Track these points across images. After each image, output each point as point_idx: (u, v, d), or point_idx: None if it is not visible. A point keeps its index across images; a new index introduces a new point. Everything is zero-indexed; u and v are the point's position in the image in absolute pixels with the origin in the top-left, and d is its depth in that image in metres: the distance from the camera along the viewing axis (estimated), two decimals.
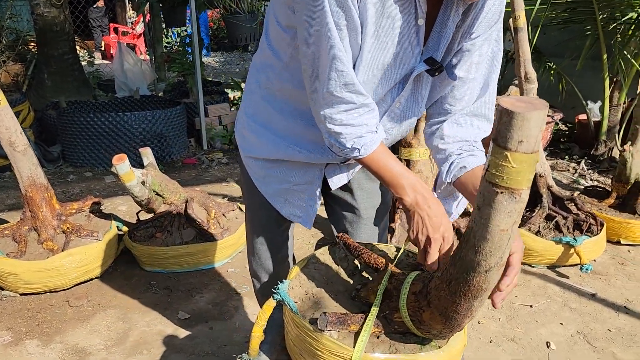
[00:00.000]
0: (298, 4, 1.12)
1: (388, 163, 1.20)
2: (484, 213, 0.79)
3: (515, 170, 0.73)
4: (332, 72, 1.12)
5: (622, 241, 3.11)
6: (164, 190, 2.87)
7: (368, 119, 1.19)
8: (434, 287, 0.98)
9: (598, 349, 2.23)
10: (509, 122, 0.71)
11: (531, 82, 2.97)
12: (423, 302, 1.01)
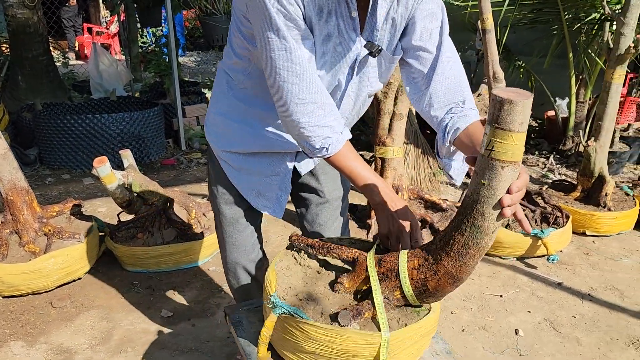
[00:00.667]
0: (254, 23, 1.27)
1: (355, 164, 1.33)
2: (492, 185, 0.97)
3: (517, 147, 0.93)
4: (294, 77, 1.26)
5: (587, 232, 3.26)
6: (145, 192, 2.91)
7: (331, 120, 1.31)
8: (441, 257, 1.10)
9: (563, 334, 2.36)
10: (512, 109, 0.90)
11: (499, 82, 3.09)
12: (429, 274, 1.13)
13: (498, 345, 2.29)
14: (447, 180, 4.39)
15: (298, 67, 1.25)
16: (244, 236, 1.70)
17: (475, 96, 4.40)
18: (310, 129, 1.29)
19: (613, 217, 3.21)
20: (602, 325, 2.41)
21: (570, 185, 3.56)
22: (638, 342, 2.28)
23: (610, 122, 3.25)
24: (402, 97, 2.73)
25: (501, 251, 3.01)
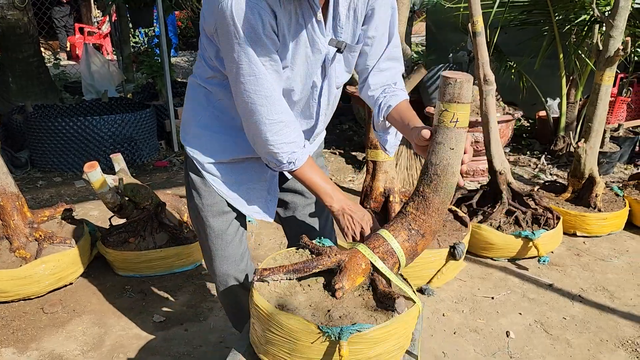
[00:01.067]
0: (223, 47, 1.34)
1: (316, 176, 1.48)
2: (458, 148, 1.25)
3: (468, 115, 1.23)
4: (263, 99, 1.36)
5: (577, 233, 3.28)
6: (137, 196, 2.91)
7: (296, 136, 1.43)
8: (424, 221, 1.31)
9: (554, 336, 2.37)
10: (464, 86, 1.20)
11: (490, 84, 3.11)
12: (417, 239, 1.32)
13: (489, 348, 2.30)
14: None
15: (267, 90, 1.35)
16: (232, 247, 1.71)
17: None
18: (278, 146, 1.40)
19: (603, 218, 3.23)
20: (592, 327, 2.43)
21: (561, 186, 3.58)
22: (627, 344, 2.30)
23: (600, 124, 3.27)
24: None
25: (492, 253, 3.03)
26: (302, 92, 1.50)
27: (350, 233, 1.48)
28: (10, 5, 5.83)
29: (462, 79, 1.19)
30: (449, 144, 1.23)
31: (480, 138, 4.18)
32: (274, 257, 1.44)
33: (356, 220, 1.47)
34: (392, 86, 1.58)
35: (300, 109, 1.56)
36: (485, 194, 3.26)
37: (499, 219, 3.06)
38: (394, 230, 1.32)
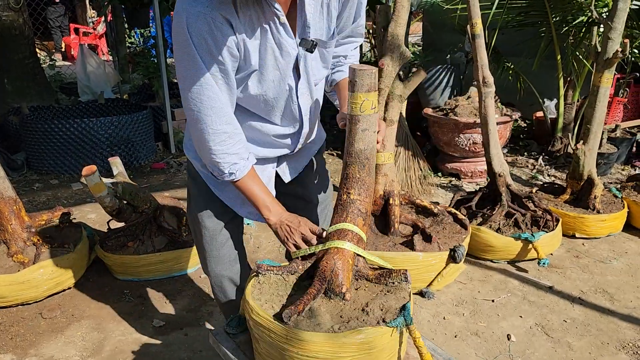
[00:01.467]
0: (176, 55, 1.36)
1: (256, 188, 1.51)
2: (371, 130, 1.38)
3: (376, 100, 1.35)
4: (209, 109, 1.38)
5: (577, 235, 3.28)
6: (135, 199, 2.89)
7: (239, 148, 1.46)
8: (367, 202, 1.42)
9: (554, 339, 2.37)
10: (375, 75, 1.33)
11: (489, 86, 3.11)
12: (367, 219, 1.44)
13: (491, 351, 2.30)
14: (434, 183, 4.41)
15: (213, 101, 1.37)
16: (226, 249, 1.72)
17: (465, 98, 4.42)
18: (220, 155, 1.43)
19: (602, 220, 3.23)
20: (593, 330, 2.43)
21: (560, 187, 3.59)
22: (629, 346, 2.31)
23: (599, 126, 3.28)
24: (393, 104, 2.73)
25: (492, 255, 3.02)
26: (278, 96, 1.50)
27: (291, 243, 1.47)
28: (6, 6, 5.79)
29: (374, 69, 1.32)
30: (372, 129, 1.37)
31: (478, 139, 4.18)
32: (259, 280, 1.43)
33: (294, 229, 1.47)
34: (341, 60, 1.67)
35: (280, 114, 1.55)
36: (484, 196, 3.26)
37: (498, 221, 3.05)
38: (352, 219, 1.39)
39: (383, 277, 1.38)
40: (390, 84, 2.71)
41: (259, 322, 1.26)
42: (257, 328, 1.28)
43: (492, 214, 3.08)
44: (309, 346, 1.19)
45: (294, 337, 1.20)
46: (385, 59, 2.66)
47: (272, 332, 1.24)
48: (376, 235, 2.82)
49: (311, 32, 1.44)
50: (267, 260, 1.42)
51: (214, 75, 1.35)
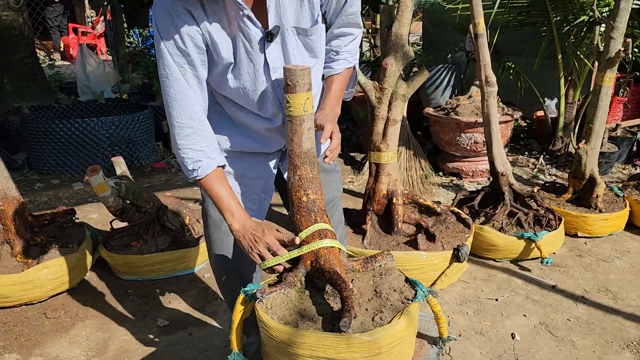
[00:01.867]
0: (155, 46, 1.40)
1: (221, 190, 1.47)
2: (313, 128, 1.41)
3: (312, 98, 1.37)
4: (174, 102, 1.41)
5: (579, 234, 3.29)
6: (138, 199, 2.89)
7: (206, 146, 1.45)
8: (322, 199, 1.44)
9: (559, 338, 2.38)
10: (310, 73, 1.34)
11: (491, 86, 3.11)
12: (326, 215, 1.46)
13: (495, 350, 2.31)
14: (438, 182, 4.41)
15: (179, 94, 1.39)
16: (230, 237, 1.71)
17: (466, 98, 4.43)
18: (184, 150, 1.44)
19: (604, 219, 3.24)
20: (597, 328, 2.44)
21: (562, 187, 3.59)
22: (633, 345, 2.31)
23: (601, 125, 3.28)
24: (397, 103, 2.74)
25: (495, 254, 3.03)
26: (257, 88, 1.50)
27: (255, 253, 1.42)
28: (5, 6, 5.78)
29: (308, 67, 1.34)
30: (313, 127, 1.41)
31: (479, 139, 4.19)
32: (267, 283, 1.44)
33: (258, 238, 1.42)
34: (332, 55, 1.66)
35: (264, 106, 1.55)
36: (486, 195, 3.26)
37: (501, 220, 3.06)
38: (322, 218, 1.41)
39: (369, 263, 1.42)
40: (393, 84, 2.71)
41: (302, 341, 1.21)
42: (298, 346, 1.22)
43: (494, 213, 3.08)
44: (383, 341, 1.21)
45: (367, 341, 1.19)
46: (389, 59, 2.66)
47: (327, 344, 1.19)
48: (379, 234, 2.83)
49: (290, 20, 1.45)
50: (252, 285, 1.36)
51: (181, 67, 1.39)
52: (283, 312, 1.30)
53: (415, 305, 1.32)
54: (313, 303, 1.33)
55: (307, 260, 1.37)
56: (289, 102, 1.34)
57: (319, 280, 1.37)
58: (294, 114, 1.35)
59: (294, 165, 1.39)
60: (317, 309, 1.31)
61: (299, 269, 1.37)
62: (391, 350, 1.22)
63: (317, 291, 1.38)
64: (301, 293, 1.36)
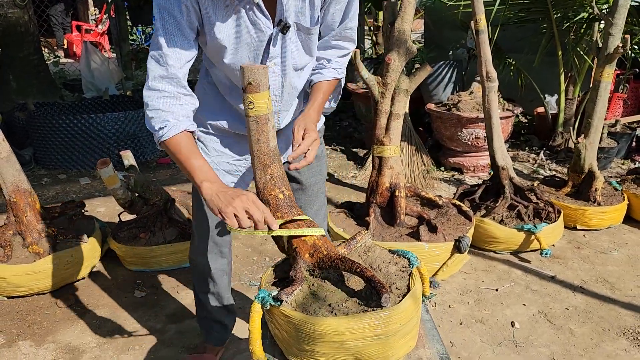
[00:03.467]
0: None
1: (190, 154, 1.42)
2: (274, 127, 1.39)
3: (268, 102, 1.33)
4: (154, 63, 1.46)
5: (578, 227, 3.35)
6: (146, 192, 2.95)
7: (177, 108, 1.47)
8: (290, 194, 1.44)
9: (557, 326, 2.44)
10: (267, 74, 1.31)
11: (492, 81, 3.17)
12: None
13: (495, 338, 2.37)
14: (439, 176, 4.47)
15: (161, 59, 1.45)
16: (211, 222, 1.83)
17: (468, 94, 4.49)
18: (153, 111, 1.46)
19: (603, 212, 3.30)
20: (594, 317, 2.50)
21: (561, 181, 3.65)
22: (629, 333, 2.38)
23: (600, 120, 3.34)
24: (399, 98, 2.80)
25: (495, 246, 3.09)
26: None
27: (230, 212, 1.28)
28: (11, 4, 5.84)
29: (266, 66, 1.33)
30: (272, 124, 1.38)
31: (480, 134, 4.25)
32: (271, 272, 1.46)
33: (237, 197, 1.30)
34: (324, 62, 1.71)
35: None
36: (487, 188, 3.32)
37: (501, 213, 3.12)
38: (299, 213, 1.41)
39: (351, 244, 1.44)
40: (396, 79, 2.77)
41: (350, 327, 1.20)
42: (344, 333, 1.20)
43: (495, 206, 3.14)
44: (405, 314, 1.25)
45: (413, 307, 1.26)
46: (391, 54, 2.72)
47: (365, 325, 1.20)
48: (382, 226, 2.89)
49: (292, 15, 1.51)
50: (262, 291, 1.30)
51: (166, 31, 1.44)
52: (313, 308, 1.27)
53: (416, 272, 1.37)
54: (330, 292, 1.36)
55: (304, 253, 1.37)
56: (252, 102, 1.30)
57: (325, 269, 1.41)
58: (260, 114, 1.32)
59: (263, 164, 1.38)
60: (339, 296, 1.35)
61: (298, 264, 1.36)
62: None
63: (322, 281, 1.41)
64: (311, 285, 1.37)
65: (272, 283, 1.40)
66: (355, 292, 1.35)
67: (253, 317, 1.28)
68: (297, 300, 1.30)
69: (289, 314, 1.24)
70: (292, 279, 1.33)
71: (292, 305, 1.28)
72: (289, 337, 1.27)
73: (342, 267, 1.35)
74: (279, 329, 1.30)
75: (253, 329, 1.28)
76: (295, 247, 1.38)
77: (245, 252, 3.19)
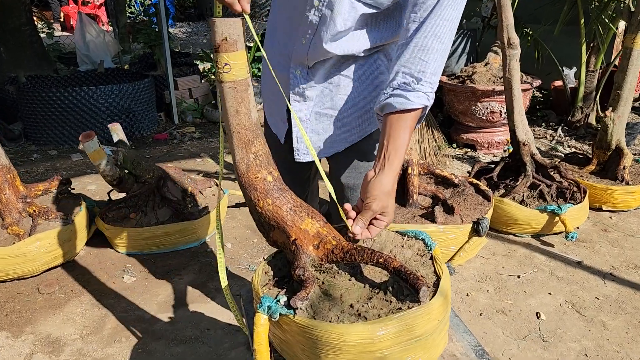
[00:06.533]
0: None
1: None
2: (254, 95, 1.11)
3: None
4: None
5: (603, 207, 3.10)
6: (137, 168, 2.72)
7: None
8: None
9: (587, 317, 2.21)
10: (240, 27, 1.02)
11: (514, 48, 2.90)
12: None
13: (519, 331, 2.14)
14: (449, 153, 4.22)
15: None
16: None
17: (483, 65, 4.20)
18: None
19: (631, 192, 3.05)
20: (628, 307, 2.27)
21: (585, 158, 3.39)
22: None
23: (630, 92, 3.07)
24: None
25: (515, 228, 2.85)
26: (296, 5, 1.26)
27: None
28: None
29: (239, 18, 1.03)
30: (252, 91, 1.11)
31: (496, 108, 3.98)
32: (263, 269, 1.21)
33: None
34: (412, 80, 1.15)
35: (294, 22, 1.31)
36: (506, 166, 3.07)
37: (522, 192, 2.87)
38: (292, 196, 1.18)
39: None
40: None
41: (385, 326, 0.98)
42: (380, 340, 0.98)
43: (515, 185, 2.89)
44: (443, 307, 1.05)
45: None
46: None
47: (405, 328, 0.99)
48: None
49: None
50: (265, 298, 1.06)
51: None
52: (334, 312, 1.04)
53: (437, 251, 1.18)
54: (346, 289, 1.13)
55: (307, 245, 1.12)
56: (228, 65, 1.03)
57: (335, 263, 1.17)
58: (238, 78, 1.05)
59: (245, 141, 1.10)
60: (358, 293, 1.12)
61: (301, 259, 1.11)
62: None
63: (332, 276, 1.18)
64: (321, 284, 1.13)
65: (267, 284, 1.16)
66: (375, 285, 1.12)
67: (258, 332, 1.04)
68: (318, 306, 1.06)
69: (309, 324, 1.00)
70: (301, 279, 1.09)
71: (309, 312, 1.04)
72: (307, 351, 1.03)
73: (360, 258, 1.11)
74: (288, 342, 1.06)
75: (259, 347, 1.04)
76: (295, 239, 1.13)
77: (244, 234, 2.96)
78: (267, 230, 1.20)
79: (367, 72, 1.36)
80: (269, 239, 1.21)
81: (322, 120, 1.42)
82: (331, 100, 1.38)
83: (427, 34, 1.14)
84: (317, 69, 1.34)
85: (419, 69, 1.15)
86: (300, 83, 1.37)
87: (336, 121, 1.41)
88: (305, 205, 1.18)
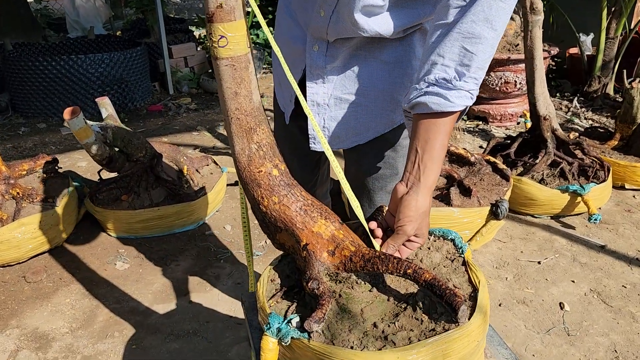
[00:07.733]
0: None
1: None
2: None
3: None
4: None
5: (626, 186, 2.92)
6: (128, 146, 2.52)
7: None
8: None
9: (614, 308, 2.06)
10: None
11: (537, 14, 2.66)
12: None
13: (542, 323, 1.99)
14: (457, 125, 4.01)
15: None
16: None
17: None
18: None
19: None
20: None
21: (606, 132, 3.19)
22: None
23: None
24: None
25: (534, 209, 2.68)
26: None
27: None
28: None
29: None
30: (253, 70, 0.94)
31: (511, 78, 3.76)
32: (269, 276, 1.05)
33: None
34: (454, 77, 0.91)
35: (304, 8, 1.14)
36: (525, 142, 2.87)
37: (542, 170, 2.69)
38: (302, 192, 1.03)
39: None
40: None
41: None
42: None
43: (535, 162, 2.70)
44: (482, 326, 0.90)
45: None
46: None
47: (441, 354, 0.86)
48: None
49: None
50: (274, 316, 0.89)
51: None
52: (355, 334, 0.88)
53: (469, 253, 1.03)
54: (367, 303, 0.95)
55: (320, 252, 0.94)
56: (224, 37, 0.85)
57: (354, 272, 0.98)
58: (237, 53, 0.86)
59: (246, 129, 0.92)
60: (381, 309, 0.94)
61: (314, 268, 0.94)
62: None
63: (349, 287, 0.99)
64: (338, 298, 0.96)
65: (274, 296, 0.98)
66: (401, 298, 0.95)
67: (266, 359, 0.87)
68: (336, 326, 0.89)
69: (327, 351, 0.84)
70: (314, 293, 0.91)
71: (325, 335, 0.87)
72: None
73: (384, 268, 0.92)
74: None
75: None
76: (307, 244, 0.95)
77: None
78: (272, 232, 1.02)
79: (399, 55, 1.14)
80: (275, 242, 1.04)
81: (343, 107, 1.20)
82: (355, 84, 1.16)
83: (477, 19, 0.88)
84: (340, 47, 1.12)
85: (463, 62, 0.90)
86: (318, 61, 1.15)
87: (360, 108, 1.19)
88: (318, 204, 1.00)
